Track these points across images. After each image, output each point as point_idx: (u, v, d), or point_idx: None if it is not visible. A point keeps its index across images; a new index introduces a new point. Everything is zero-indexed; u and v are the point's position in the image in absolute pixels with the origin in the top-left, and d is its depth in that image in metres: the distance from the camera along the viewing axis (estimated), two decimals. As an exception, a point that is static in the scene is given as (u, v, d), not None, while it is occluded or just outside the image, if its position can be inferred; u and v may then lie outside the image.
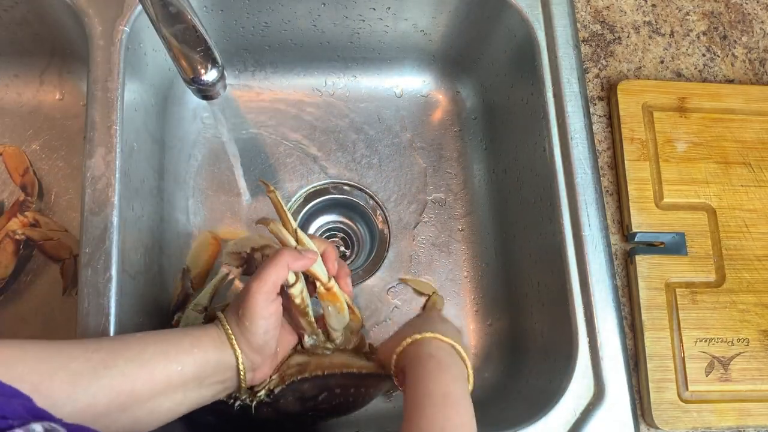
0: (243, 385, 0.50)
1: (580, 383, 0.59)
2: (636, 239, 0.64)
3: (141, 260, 0.63)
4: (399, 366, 0.51)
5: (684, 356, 0.60)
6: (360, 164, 0.79)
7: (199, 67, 0.42)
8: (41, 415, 0.35)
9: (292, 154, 0.78)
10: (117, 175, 0.59)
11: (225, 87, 0.49)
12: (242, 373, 0.50)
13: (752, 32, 0.74)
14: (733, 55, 0.73)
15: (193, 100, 0.77)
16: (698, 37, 0.73)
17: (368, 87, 0.82)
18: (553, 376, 0.62)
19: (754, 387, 0.60)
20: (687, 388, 0.59)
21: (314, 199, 0.77)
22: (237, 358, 0.49)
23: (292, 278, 0.50)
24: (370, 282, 0.75)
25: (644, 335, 0.60)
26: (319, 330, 0.56)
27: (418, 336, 0.50)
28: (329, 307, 0.54)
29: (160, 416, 0.47)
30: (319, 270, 0.53)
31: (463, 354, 0.51)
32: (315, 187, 0.78)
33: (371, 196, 0.78)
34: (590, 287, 0.61)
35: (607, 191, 0.66)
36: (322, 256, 0.54)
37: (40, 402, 0.38)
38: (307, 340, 0.56)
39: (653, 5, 0.74)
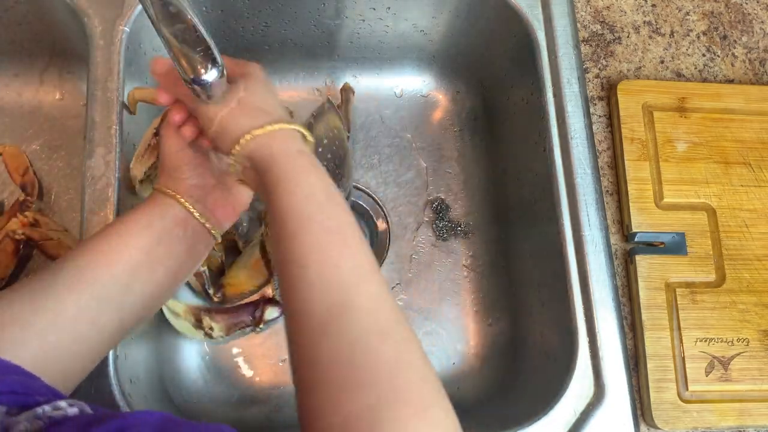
0: (190, 209, 0.48)
1: (580, 383, 0.59)
2: (636, 239, 0.64)
3: (141, 260, 0.63)
4: (245, 164, 0.45)
5: (684, 356, 0.60)
6: (360, 164, 0.79)
7: (199, 67, 0.42)
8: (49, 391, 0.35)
9: (292, 154, 0.78)
10: (117, 175, 0.59)
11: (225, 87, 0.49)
12: (188, 205, 0.48)
13: (752, 32, 0.74)
14: (733, 55, 0.73)
15: (193, 100, 0.77)
16: (698, 37, 0.73)
17: (368, 87, 0.82)
18: (553, 376, 0.62)
19: (754, 387, 0.60)
20: (687, 388, 0.59)
21: (314, 199, 0.77)
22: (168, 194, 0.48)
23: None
24: (370, 282, 0.75)
25: (644, 335, 0.60)
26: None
27: (275, 126, 0.43)
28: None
29: (143, 298, 0.46)
30: None
31: (306, 134, 0.46)
32: (315, 187, 0.78)
33: (371, 196, 0.78)
34: (590, 287, 0.61)
35: (607, 191, 0.66)
36: None
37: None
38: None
39: (653, 5, 0.74)
